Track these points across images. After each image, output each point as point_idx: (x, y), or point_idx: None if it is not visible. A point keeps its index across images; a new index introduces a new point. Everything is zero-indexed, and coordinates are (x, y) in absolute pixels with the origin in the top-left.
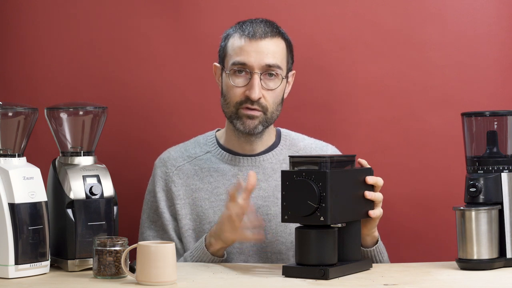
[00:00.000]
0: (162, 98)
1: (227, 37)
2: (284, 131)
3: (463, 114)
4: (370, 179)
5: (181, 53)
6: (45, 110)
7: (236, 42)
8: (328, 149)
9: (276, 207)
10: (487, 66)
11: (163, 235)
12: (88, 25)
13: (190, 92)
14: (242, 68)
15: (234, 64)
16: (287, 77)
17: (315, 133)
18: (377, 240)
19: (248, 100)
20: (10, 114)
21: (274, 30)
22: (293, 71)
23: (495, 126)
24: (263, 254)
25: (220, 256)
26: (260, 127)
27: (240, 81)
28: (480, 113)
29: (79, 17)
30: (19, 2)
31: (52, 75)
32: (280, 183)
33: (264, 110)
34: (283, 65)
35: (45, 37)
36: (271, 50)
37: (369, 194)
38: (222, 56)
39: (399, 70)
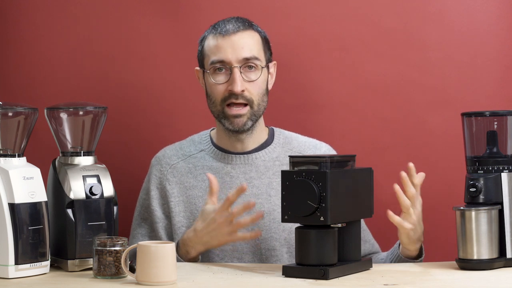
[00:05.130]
0: (162, 98)
1: (202, 40)
2: (277, 129)
3: (463, 114)
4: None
5: (181, 53)
6: (45, 110)
7: (211, 42)
8: (322, 147)
9: (269, 204)
10: (487, 66)
11: (151, 233)
12: (87, 25)
13: (190, 92)
14: (221, 66)
15: (212, 63)
16: (267, 67)
17: (314, 133)
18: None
19: (232, 95)
20: (10, 114)
21: (246, 24)
22: (274, 62)
23: (495, 126)
24: (257, 251)
25: (194, 261)
26: (249, 123)
27: (221, 78)
28: (480, 113)
29: (79, 17)
30: (19, 2)
31: (52, 75)
32: (272, 180)
33: (250, 103)
34: (261, 55)
35: (45, 37)
36: (246, 43)
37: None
38: (201, 59)
39: (399, 70)
